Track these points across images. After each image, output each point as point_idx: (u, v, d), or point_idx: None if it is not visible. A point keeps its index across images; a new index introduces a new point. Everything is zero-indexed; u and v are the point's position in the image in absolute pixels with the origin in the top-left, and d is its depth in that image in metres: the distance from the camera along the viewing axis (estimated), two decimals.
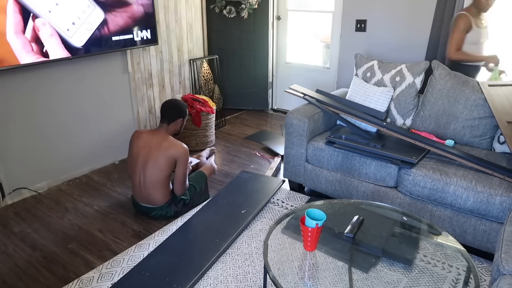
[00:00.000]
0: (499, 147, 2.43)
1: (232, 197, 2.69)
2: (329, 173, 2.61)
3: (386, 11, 3.45)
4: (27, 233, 2.40)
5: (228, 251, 2.20)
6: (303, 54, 4.53)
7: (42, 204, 2.74)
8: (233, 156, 3.51)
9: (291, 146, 2.75)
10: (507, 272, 1.33)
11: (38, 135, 2.83)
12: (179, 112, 2.48)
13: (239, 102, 4.71)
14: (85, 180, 3.09)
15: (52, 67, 2.80)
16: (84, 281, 1.98)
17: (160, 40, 3.64)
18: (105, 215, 2.59)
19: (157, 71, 3.71)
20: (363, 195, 2.49)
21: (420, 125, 2.68)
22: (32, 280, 2.01)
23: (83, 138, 3.13)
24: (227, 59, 4.49)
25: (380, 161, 2.37)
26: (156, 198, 2.44)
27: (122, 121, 3.43)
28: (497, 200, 1.99)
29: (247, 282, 1.97)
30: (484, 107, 2.42)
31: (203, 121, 3.52)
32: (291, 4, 4.33)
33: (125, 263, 2.10)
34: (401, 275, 1.55)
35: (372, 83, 2.88)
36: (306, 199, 2.76)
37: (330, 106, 2.68)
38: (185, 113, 2.52)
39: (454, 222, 2.16)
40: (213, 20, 4.28)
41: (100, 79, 3.16)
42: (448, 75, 2.59)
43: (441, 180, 2.15)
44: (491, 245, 2.08)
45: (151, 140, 2.42)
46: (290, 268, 1.58)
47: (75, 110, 3.03)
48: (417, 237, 1.81)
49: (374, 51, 3.62)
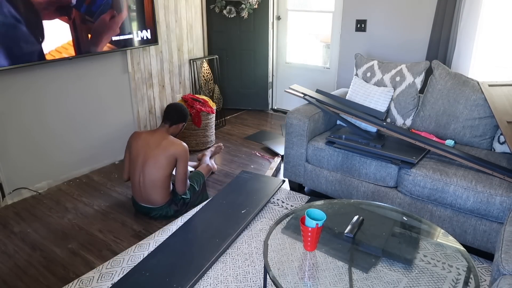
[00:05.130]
0: (499, 147, 2.43)
1: (232, 197, 2.69)
2: (329, 173, 2.61)
3: (386, 11, 3.45)
4: (27, 233, 2.40)
5: (228, 251, 2.20)
6: (303, 54, 4.53)
7: (42, 204, 2.74)
8: (233, 156, 3.51)
9: (291, 146, 2.75)
10: (507, 272, 1.33)
11: (38, 135, 2.83)
12: (183, 116, 2.55)
13: (239, 102, 4.71)
14: (85, 180, 3.09)
15: (53, 67, 2.80)
16: (84, 281, 1.98)
17: (160, 40, 3.64)
18: (105, 215, 2.59)
19: (157, 71, 3.71)
20: (363, 195, 2.49)
21: (420, 125, 2.68)
22: (32, 280, 2.01)
23: (83, 138, 3.13)
24: (227, 59, 4.49)
25: (380, 161, 2.37)
26: (156, 198, 2.44)
27: (122, 121, 3.43)
28: (497, 200, 1.99)
29: (247, 282, 1.97)
30: (484, 107, 2.42)
31: (203, 121, 3.52)
32: (291, 4, 4.33)
33: (125, 263, 2.10)
34: (401, 275, 1.55)
35: (372, 83, 2.88)
36: (306, 199, 2.76)
37: (330, 106, 2.68)
38: (187, 118, 2.60)
39: (454, 222, 2.16)
40: (213, 20, 4.28)
41: (100, 79, 3.16)
42: (448, 75, 2.59)
43: (441, 180, 2.15)
44: (491, 245, 2.08)
45: (150, 140, 2.43)
46: (290, 268, 1.58)
47: (75, 110, 3.03)
48: (417, 237, 1.81)
49: (374, 51, 3.62)
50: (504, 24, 2.96)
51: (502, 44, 3.01)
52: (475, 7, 2.88)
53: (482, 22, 2.96)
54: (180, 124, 2.55)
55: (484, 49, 3.07)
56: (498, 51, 3.04)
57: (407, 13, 3.34)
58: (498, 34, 3.00)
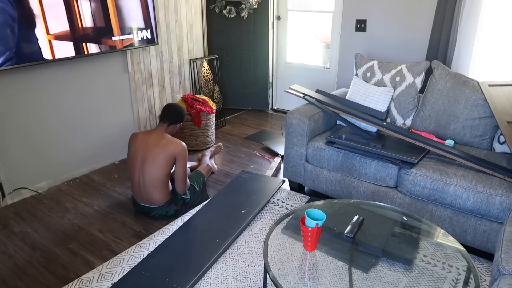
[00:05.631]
0: (499, 147, 2.43)
1: (232, 197, 2.69)
2: (329, 173, 2.61)
3: (386, 11, 3.45)
4: (27, 233, 2.40)
5: (228, 251, 2.20)
6: (303, 54, 4.53)
7: (42, 204, 2.74)
8: (233, 156, 3.51)
9: (291, 146, 2.75)
10: (507, 272, 1.33)
11: (38, 135, 2.83)
12: (181, 116, 2.58)
13: (239, 102, 4.71)
14: (85, 180, 3.09)
15: (53, 67, 2.80)
16: (84, 281, 1.98)
17: (160, 40, 3.64)
18: (105, 215, 2.59)
19: (157, 71, 3.71)
20: (363, 195, 2.49)
21: (420, 125, 2.68)
22: (32, 280, 2.01)
23: (83, 138, 3.13)
24: (227, 59, 4.49)
25: (380, 161, 2.37)
26: (156, 197, 2.44)
27: (122, 121, 3.43)
28: (497, 200, 1.99)
29: (247, 282, 1.97)
30: (484, 107, 2.42)
31: (203, 121, 3.52)
32: (291, 4, 4.33)
33: (125, 263, 2.10)
34: (401, 275, 1.55)
35: (372, 83, 2.88)
36: (306, 199, 2.76)
37: (330, 106, 2.68)
38: (184, 118, 2.63)
39: (454, 222, 2.16)
40: (213, 20, 4.28)
41: (100, 79, 3.16)
42: (448, 75, 2.59)
43: (441, 180, 2.15)
44: (491, 245, 2.08)
45: (149, 139, 2.43)
46: (290, 268, 1.58)
47: (75, 110, 3.03)
48: (417, 237, 1.81)
49: (374, 51, 3.62)
50: (504, 24, 2.96)
51: (502, 44, 3.01)
52: (475, 7, 2.89)
53: (482, 22, 2.96)
54: (178, 123, 2.57)
55: (484, 49, 3.07)
56: (498, 51, 3.04)
57: (407, 13, 3.34)
58: (498, 34, 3.00)
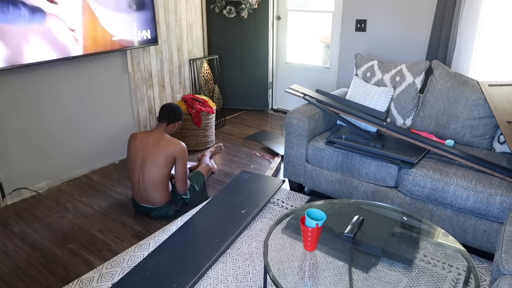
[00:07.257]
0: (499, 147, 2.43)
1: (232, 197, 2.69)
2: (329, 173, 2.61)
3: (386, 11, 3.45)
4: (27, 233, 2.40)
5: (228, 251, 2.20)
6: (303, 54, 4.53)
7: (42, 204, 2.74)
8: (233, 156, 3.51)
9: (291, 146, 2.75)
10: (507, 272, 1.33)
11: (38, 135, 2.83)
12: (179, 115, 2.58)
13: (239, 102, 4.71)
14: (85, 180, 3.09)
15: (53, 67, 2.80)
16: (84, 281, 1.98)
17: (160, 40, 3.64)
18: (105, 215, 2.59)
19: (157, 71, 3.71)
20: (363, 195, 2.49)
21: (420, 125, 2.68)
22: (32, 280, 2.01)
23: (83, 138, 3.13)
24: (227, 59, 4.49)
25: (380, 161, 2.37)
26: (156, 198, 2.44)
27: (122, 121, 3.43)
28: (497, 200, 1.99)
29: (247, 282, 1.97)
30: (484, 107, 2.42)
31: (203, 121, 3.52)
32: (291, 4, 4.33)
33: (125, 263, 2.10)
34: (401, 275, 1.55)
35: (372, 83, 2.88)
36: (306, 199, 2.76)
37: (330, 106, 2.68)
38: (182, 117, 2.62)
39: (454, 222, 2.16)
40: (213, 20, 4.28)
41: (100, 79, 3.16)
42: (448, 75, 2.59)
43: (441, 180, 2.15)
44: (491, 245, 2.08)
45: (149, 139, 2.43)
46: (290, 268, 1.58)
47: (75, 110, 3.03)
48: (417, 237, 1.81)
49: (374, 51, 3.62)
50: (504, 24, 2.96)
51: (502, 44, 3.01)
52: (475, 7, 2.88)
53: (482, 22, 2.96)
54: (177, 122, 2.57)
55: (484, 49, 3.07)
56: (498, 51, 3.04)
57: (407, 13, 3.34)
58: (498, 34, 3.00)
